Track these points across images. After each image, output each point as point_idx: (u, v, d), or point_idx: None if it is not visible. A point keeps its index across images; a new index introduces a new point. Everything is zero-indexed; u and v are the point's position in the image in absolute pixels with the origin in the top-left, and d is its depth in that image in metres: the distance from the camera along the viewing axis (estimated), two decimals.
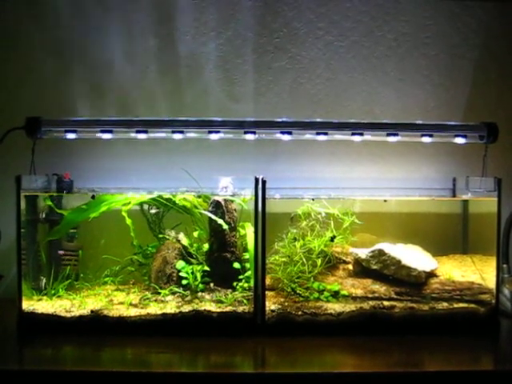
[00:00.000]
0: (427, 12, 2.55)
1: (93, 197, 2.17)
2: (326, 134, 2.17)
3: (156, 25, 2.50)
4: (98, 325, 2.01)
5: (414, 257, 2.22)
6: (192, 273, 2.16)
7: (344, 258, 2.29)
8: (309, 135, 2.19)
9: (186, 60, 2.51)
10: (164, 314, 2.02)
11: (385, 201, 2.24)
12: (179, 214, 2.32)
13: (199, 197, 2.26)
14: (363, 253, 2.23)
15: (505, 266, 2.34)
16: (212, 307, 2.05)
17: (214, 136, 2.16)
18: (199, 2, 2.50)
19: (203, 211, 2.24)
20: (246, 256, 2.22)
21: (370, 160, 2.51)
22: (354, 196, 2.26)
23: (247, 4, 2.51)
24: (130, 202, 2.25)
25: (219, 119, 2.16)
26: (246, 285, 2.15)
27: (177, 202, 2.26)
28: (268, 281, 2.14)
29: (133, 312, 2.04)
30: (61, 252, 2.24)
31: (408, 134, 2.21)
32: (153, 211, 2.26)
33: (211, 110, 2.51)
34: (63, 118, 2.17)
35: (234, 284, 2.17)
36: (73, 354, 1.90)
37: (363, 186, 2.26)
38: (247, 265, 2.20)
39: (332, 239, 2.22)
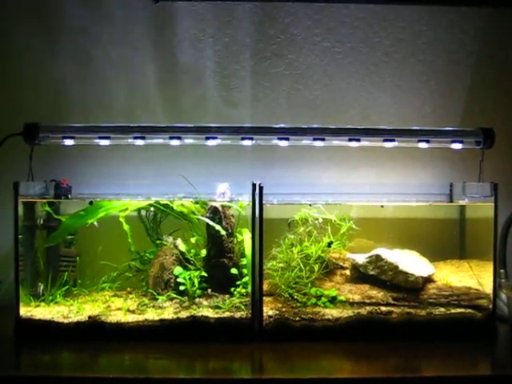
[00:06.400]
0: (424, 18, 2.56)
1: (91, 203, 2.18)
2: (323, 139, 2.18)
3: (154, 31, 2.51)
4: (95, 331, 2.01)
5: (411, 262, 2.22)
6: (189, 279, 2.16)
7: (341, 264, 2.29)
8: (306, 141, 2.20)
9: (183, 66, 2.52)
10: (162, 320, 2.02)
11: (382, 206, 2.24)
12: (177, 220, 2.32)
13: (197, 203, 2.26)
14: (360, 258, 2.23)
15: (502, 271, 2.34)
16: (209, 313, 2.05)
17: (211, 142, 2.17)
18: (197, 8, 2.51)
19: (201, 217, 2.24)
20: (244, 262, 2.22)
21: (367, 166, 2.51)
22: (351, 202, 2.26)
23: (245, 10, 2.52)
24: (127, 208, 2.26)
25: (216, 125, 2.17)
26: (243, 290, 2.15)
27: (174, 207, 2.27)
28: (265, 286, 2.15)
29: (130, 318, 2.04)
30: None
31: (405, 140, 2.22)
32: None
33: (209, 116, 2.51)
34: (61, 124, 2.18)
35: (232, 290, 2.16)
36: (70, 360, 1.90)
37: (360, 192, 2.26)
38: (245, 270, 2.20)
39: (329, 245, 2.23)
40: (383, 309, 2.09)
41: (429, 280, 2.20)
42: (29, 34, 2.49)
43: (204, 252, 2.26)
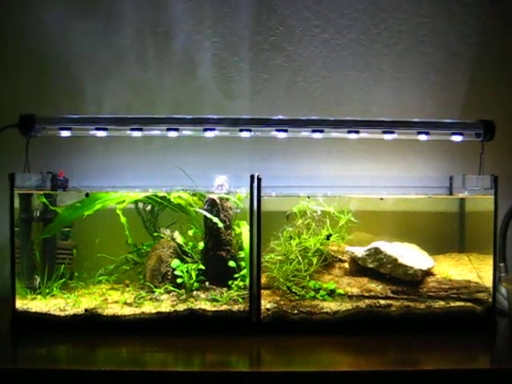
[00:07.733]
0: (424, 10, 2.54)
1: (87, 195, 2.16)
2: (321, 131, 2.16)
3: (151, 22, 2.49)
4: (92, 324, 2.00)
5: (411, 255, 2.21)
6: (187, 271, 2.15)
7: (340, 257, 2.28)
8: (305, 133, 2.18)
9: (181, 58, 2.50)
10: (159, 313, 2.01)
11: (381, 199, 2.23)
12: (174, 212, 2.31)
13: (194, 195, 2.25)
14: (359, 251, 2.22)
15: (502, 264, 2.33)
16: (207, 306, 2.04)
17: (209, 134, 2.15)
18: None
19: (198, 209, 2.23)
20: (242, 254, 2.21)
21: (366, 158, 2.50)
22: (350, 194, 2.25)
23: (243, 1, 2.50)
24: (124, 201, 2.24)
25: (214, 117, 2.15)
26: (241, 283, 2.14)
27: (172, 200, 2.25)
28: (263, 279, 2.13)
29: (127, 311, 2.03)
30: None
31: (404, 132, 2.20)
32: None
33: (207, 109, 2.49)
34: (57, 116, 2.16)
35: (230, 283, 2.15)
36: (67, 353, 1.89)
37: (359, 185, 2.24)
38: (242, 263, 2.19)
39: (328, 237, 2.22)
40: (382, 302, 2.08)
41: (428, 273, 2.19)
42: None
43: (202, 245, 2.25)
